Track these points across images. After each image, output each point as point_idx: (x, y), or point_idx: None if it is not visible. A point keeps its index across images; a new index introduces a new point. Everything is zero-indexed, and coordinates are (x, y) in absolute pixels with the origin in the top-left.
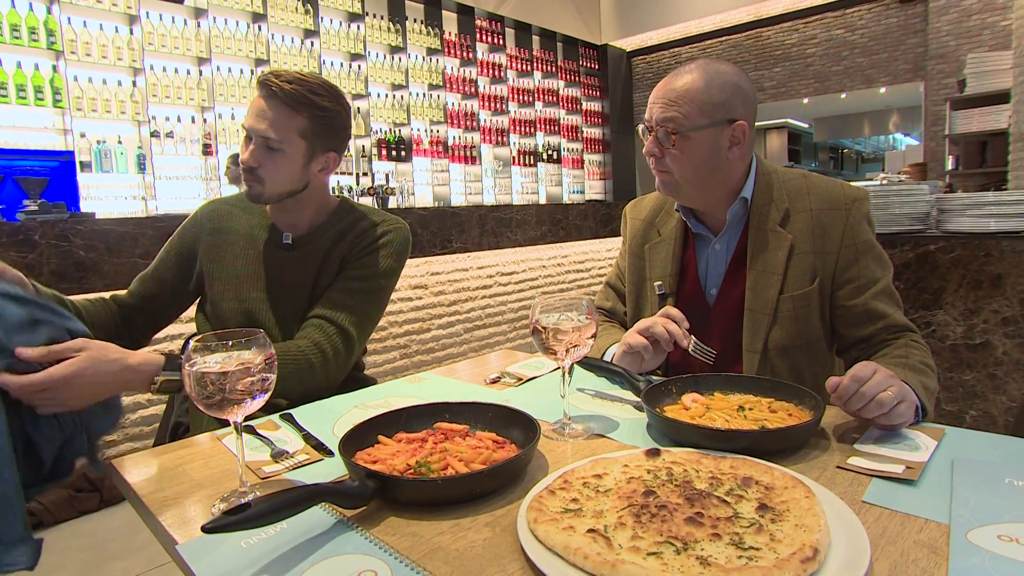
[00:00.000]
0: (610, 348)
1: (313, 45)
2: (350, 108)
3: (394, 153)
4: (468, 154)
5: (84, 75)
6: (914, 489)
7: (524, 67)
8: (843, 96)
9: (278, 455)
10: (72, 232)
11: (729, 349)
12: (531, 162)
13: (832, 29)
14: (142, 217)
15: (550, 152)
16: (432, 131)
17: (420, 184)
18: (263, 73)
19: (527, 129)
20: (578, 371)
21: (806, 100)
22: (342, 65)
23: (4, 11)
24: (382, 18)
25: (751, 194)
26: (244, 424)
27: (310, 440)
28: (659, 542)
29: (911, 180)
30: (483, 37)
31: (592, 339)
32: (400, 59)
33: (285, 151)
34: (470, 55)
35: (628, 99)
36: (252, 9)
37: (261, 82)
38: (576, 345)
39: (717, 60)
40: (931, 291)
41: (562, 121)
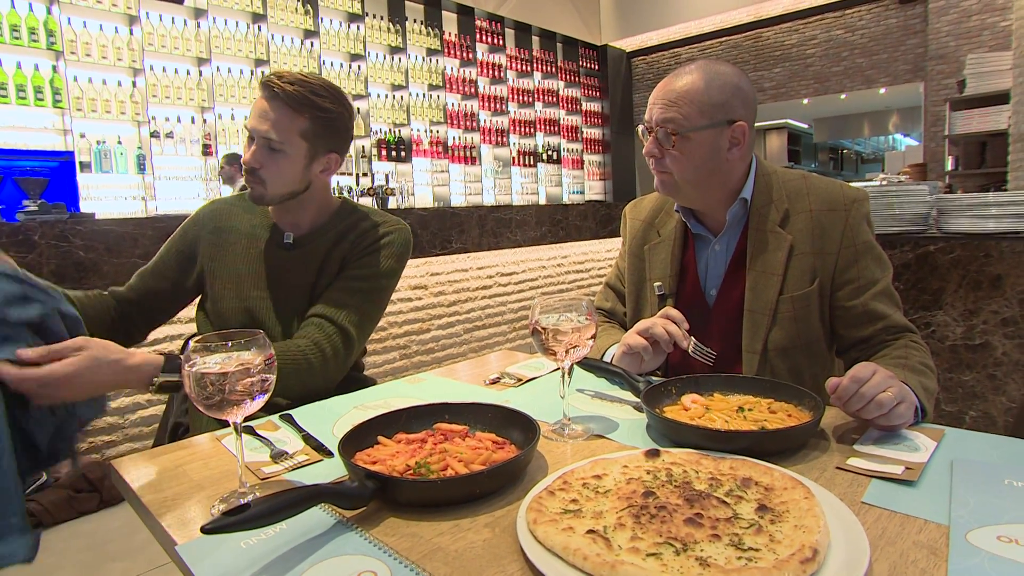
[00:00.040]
0: (610, 349)
1: (313, 46)
2: (353, 109)
3: (394, 153)
4: (468, 154)
5: (84, 75)
6: (913, 490)
7: (524, 67)
8: (843, 97)
9: (278, 456)
10: (72, 232)
11: (729, 350)
12: (531, 162)
13: (832, 30)
14: (142, 217)
15: (550, 152)
16: (432, 131)
17: (420, 184)
18: (266, 74)
19: (527, 129)
20: (578, 372)
21: (806, 101)
22: (342, 65)
23: (4, 11)
24: (382, 18)
25: (751, 195)
26: (244, 425)
27: (310, 441)
28: (658, 543)
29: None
30: (483, 37)
31: (592, 340)
32: (400, 59)
33: (286, 152)
34: (470, 55)
35: (628, 100)
36: (252, 9)
37: (263, 83)
38: (576, 346)
39: (717, 61)
40: (931, 292)
41: (562, 121)
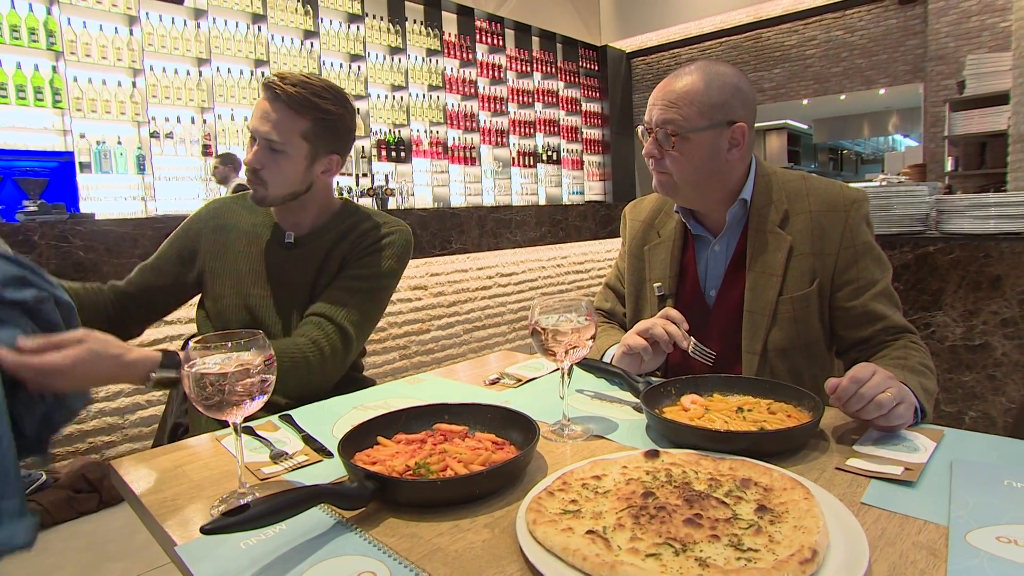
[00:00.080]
0: (609, 349)
1: (313, 46)
2: (354, 111)
3: (394, 154)
4: (468, 155)
5: (84, 76)
6: (913, 490)
7: (524, 68)
8: (842, 97)
9: (277, 456)
10: (71, 233)
11: (728, 350)
12: (531, 163)
13: (831, 30)
14: (142, 218)
15: (550, 153)
16: (432, 132)
17: (420, 185)
18: (269, 75)
19: (527, 130)
20: (577, 372)
21: (805, 101)
22: (342, 66)
23: (4, 12)
24: (382, 19)
25: (750, 195)
26: (243, 425)
27: (309, 441)
28: (658, 543)
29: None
30: (483, 38)
31: (591, 340)
32: (400, 60)
33: (288, 153)
34: (470, 56)
35: (628, 100)
36: (252, 10)
37: (265, 84)
38: (575, 346)
39: (717, 62)
40: (930, 292)
41: (562, 122)
